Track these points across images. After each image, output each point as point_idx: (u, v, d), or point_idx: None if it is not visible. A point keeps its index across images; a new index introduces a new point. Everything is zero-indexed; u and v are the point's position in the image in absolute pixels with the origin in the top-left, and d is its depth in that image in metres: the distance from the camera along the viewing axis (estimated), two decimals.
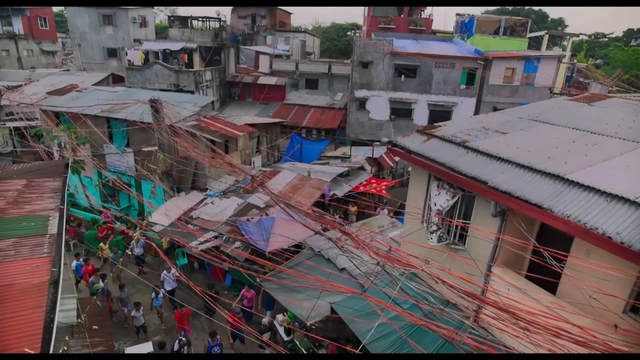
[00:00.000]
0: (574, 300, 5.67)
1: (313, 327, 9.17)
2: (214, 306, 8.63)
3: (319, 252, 11.14)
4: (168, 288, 12.57)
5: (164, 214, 13.66)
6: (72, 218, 17.67)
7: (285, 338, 10.62)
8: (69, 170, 9.47)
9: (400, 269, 6.02)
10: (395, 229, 12.23)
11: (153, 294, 11.77)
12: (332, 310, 8.89)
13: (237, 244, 12.40)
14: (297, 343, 10.35)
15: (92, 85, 21.88)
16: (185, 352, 9.87)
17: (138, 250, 14.55)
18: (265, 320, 9.34)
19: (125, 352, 10.24)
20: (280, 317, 11.02)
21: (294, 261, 11.12)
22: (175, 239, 11.42)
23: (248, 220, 13.23)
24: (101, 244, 14.78)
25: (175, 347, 9.80)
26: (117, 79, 26.89)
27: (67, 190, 9.33)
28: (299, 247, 12.40)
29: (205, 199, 15.59)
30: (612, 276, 5.20)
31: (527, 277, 6.80)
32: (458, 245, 7.90)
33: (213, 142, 14.96)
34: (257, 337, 8.82)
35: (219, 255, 11.12)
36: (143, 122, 15.12)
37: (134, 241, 14.13)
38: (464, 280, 5.50)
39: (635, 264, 5.13)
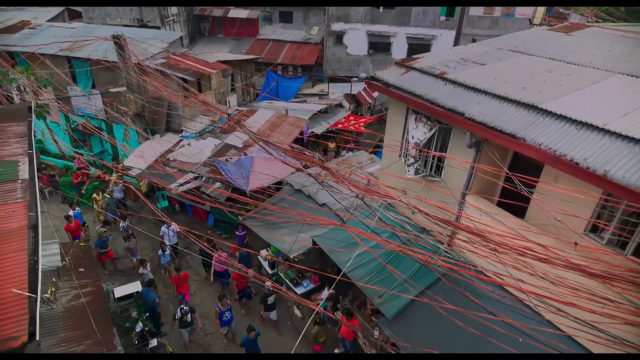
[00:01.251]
0: (540, 222, 6.05)
1: (296, 259, 9.56)
2: (211, 252, 8.90)
3: (300, 189, 11.30)
4: (167, 242, 12.09)
5: (139, 156, 13.35)
6: (43, 165, 17.12)
7: (270, 271, 11.09)
8: (33, 115, 8.99)
9: (379, 200, 6.20)
10: (374, 165, 12.43)
11: (160, 251, 11.46)
12: (314, 243, 9.23)
13: (218, 184, 12.41)
14: (282, 275, 10.85)
15: (46, 21, 20.09)
16: (189, 319, 9.30)
17: (118, 194, 14.41)
18: (269, 283, 9.10)
19: (114, 291, 10.50)
20: (264, 252, 11.40)
21: (276, 198, 11.29)
22: (154, 181, 11.29)
23: (227, 160, 13.13)
24: (94, 195, 14.27)
25: (178, 315, 9.21)
26: (73, 15, 24.73)
27: (34, 136, 8.91)
28: (279, 185, 12.53)
29: (181, 140, 15.26)
30: (576, 199, 5.53)
31: (498, 204, 7.16)
32: (434, 177, 8.14)
33: (185, 80, 14.31)
34: (259, 279, 8.85)
35: (200, 195, 11.14)
36: (107, 61, 14.21)
37: (111, 185, 13.94)
38: (439, 208, 5.75)
39: (598, 187, 5.44)
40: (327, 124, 16.63)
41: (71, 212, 12.78)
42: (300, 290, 10.39)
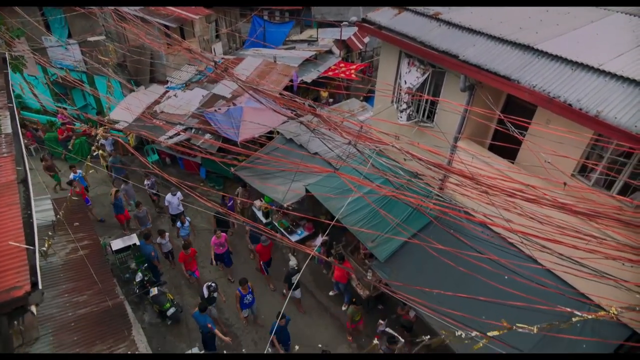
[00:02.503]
0: (530, 164, 6.14)
1: (290, 208, 9.70)
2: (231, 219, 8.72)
3: (291, 138, 11.21)
4: (172, 212, 11.55)
5: (125, 109, 12.99)
6: (26, 122, 16.61)
7: (264, 221, 11.27)
8: (9, 67, 8.57)
9: (371, 146, 6.19)
10: (366, 112, 12.28)
11: (178, 223, 10.76)
12: (307, 191, 9.32)
13: (208, 135, 12.23)
14: (276, 224, 11.05)
15: None
16: (215, 296, 8.98)
17: (108, 148, 14.17)
18: (294, 262, 8.82)
19: (112, 244, 10.64)
20: (257, 202, 11.51)
21: (268, 148, 11.21)
22: (143, 133, 11.07)
23: (216, 111, 12.85)
24: (101, 152, 13.67)
25: (205, 294, 8.77)
26: None
27: (12, 91, 8.53)
28: (270, 134, 12.40)
29: (167, 91, 14.80)
30: (567, 141, 5.57)
31: (490, 147, 7.21)
32: (427, 122, 8.09)
33: (167, 27, 13.60)
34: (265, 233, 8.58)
35: (190, 147, 11.01)
36: (82, 7, 13.35)
37: (99, 139, 13.66)
38: (431, 152, 5.77)
39: (590, 128, 5.47)
40: (317, 72, 16.17)
41: (72, 176, 12.23)
42: (294, 238, 10.65)
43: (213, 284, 8.78)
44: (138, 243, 10.47)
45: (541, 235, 4.89)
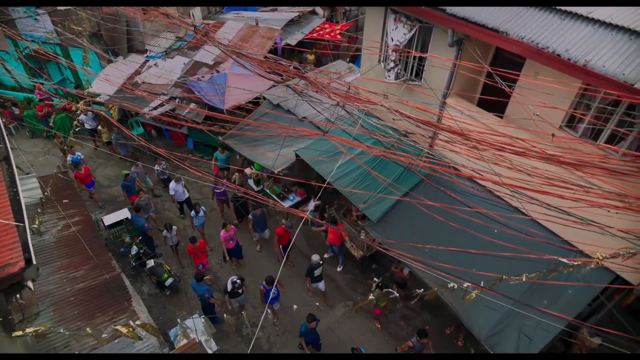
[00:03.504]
0: (519, 117, 6.15)
1: (280, 173, 9.67)
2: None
3: (279, 104, 11.01)
4: (179, 200, 11.11)
5: (105, 80, 12.53)
6: (1, 100, 15.98)
7: (256, 188, 11.26)
8: None
9: (360, 106, 6.11)
10: (353, 74, 12.06)
11: (192, 213, 10.17)
12: (297, 157, 9.28)
13: (193, 104, 11.96)
14: (267, 191, 11.05)
15: None
16: (242, 292, 8.69)
17: (90, 124, 13.79)
18: (317, 257, 8.41)
19: (104, 220, 10.59)
20: (248, 170, 11.45)
21: (255, 114, 11.03)
22: (125, 105, 10.76)
23: (199, 79, 12.50)
24: (99, 127, 13.39)
25: (229, 287, 8.37)
26: None
27: None
28: (257, 102, 12.17)
29: (147, 61, 14.28)
30: (554, 92, 5.55)
31: (479, 103, 7.17)
32: (415, 80, 7.98)
33: None
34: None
35: (176, 117, 10.77)
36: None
37: (80, 114, 13.26)
38: (420, 110, 5.72)
39: (578, 78, 5.45)
40: (301, 34, 15.67)
41: (70, 157, 11.76)
42: (287, 203, 10.70)
43: (238, 280, 8.29)
44: (130, 217, 10.44)
45: (529, 187, 4.97)
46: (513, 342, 6.31)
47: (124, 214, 10.71)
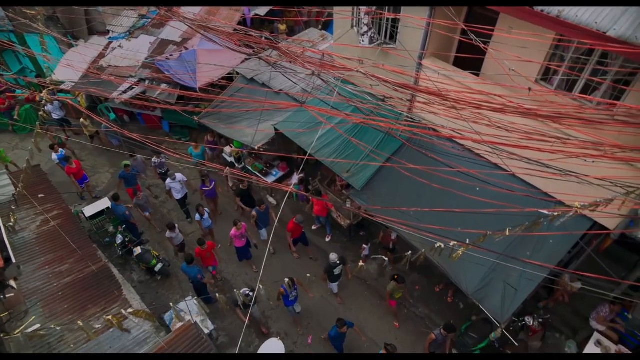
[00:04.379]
0: (495, 74, 6.13)
1: (261, 149, 9.53)
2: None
3: (253, 78, 10.72)
4: (177, 196, 10.47)
5: (67, 66, 11.92)
6: None
7: (237, 166, 11.11)
8: None
9: (336, 74, 5.98)
10: (326, 42, 11.77)
11: (197, 216, 9.47)
12: (277, 130, 9.13)
13: (164, 85, 11.53)
14: (250, 168, 10.92)
15: None
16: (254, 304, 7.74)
17: (58, 114, 13.20)
18: (334, 257, 7.91)
19: (84, 211, 10.33)
20: (227, 148, 11.25)
21: (230, 90, 10.73)
22: (93, 91, 10.29)
23: (167, 58, 12.01)
24: (82, 120, 12.44)
25: (239, 301, 7.25)
26: None
27: None
28: (230, 79, 11.81)
29: (110, 43, 13.60)
30: (529, 45, 5.53)
31: (455, 62, 7.11)
32: (390, 43, 7.82)
33: None
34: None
35: (148, 100, 10.39)
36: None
37: (46, 104, 12.65)
38: (397, 73, 5.63)
39: (551, 29, 5.42)
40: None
41: (54, 155, 11.10)
42: (270, 179, 10.62)
43: (250, 293, 7.40)
44: (110, 205, 10.22)
45: (509, 142, 5.01)
46: (499, 293, 6.56)
47: (105, 204, 10.47)
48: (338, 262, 7.94)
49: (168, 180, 10.13)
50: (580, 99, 6.14)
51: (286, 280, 7.26)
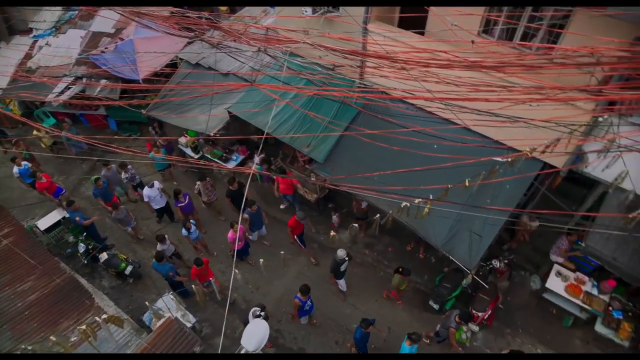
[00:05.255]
0: (439, 30, 6.21)
1: (217, 135, 9.28)
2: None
3: (198, 62, 10.30)
4: (157, 207, 9.70)
5: None
6: None
7: (195, 156, 10.80)
8: None
9: (283, 48, 5.85)
10: (269, 16, 11.43)
11: (183, 231, 8.71)
12: (230, 114, 8.90)
13: (104, 80, 10.87)
14: (208, 156, 10.65)
15: None
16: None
17: None
18: (342, 253, 7.53)
19: (38, 225, 9.75)
20: (182, 139, 10.87)
21: (175, 77, 10.28)
22: (24, 95, 9.53)
23: (102, 52, 11.27)
24: (35, 132, 11.06)
25: (250, 318, 6.87)
26: None
27: None
28: (175, 65, 11.27)
29: (35, 41, 12.56)
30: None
31: (400, 24, 7.13)
32: (333, 11, 7.71)
33: None
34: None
35: (88, 97, 9.78)
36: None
37: None
38: (344, 40, 5.59)
39: None
40: None
41: (16, 169, 10.11)
42: (231, 164, 10.42)
43: (262, 313, 6.91)
44: (67, 215, 9.71)
45: (458, 97, 5.15)
46: (466, 242, 6.89)
47: (60, 213, 9.93)
48: (346, 258, 7.64)
49: (146, 190, 9.29)
50: (520, 47, 6.36)
51: (301, 288, 6.97)
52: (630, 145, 5.44)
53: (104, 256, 9.05)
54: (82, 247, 9.34)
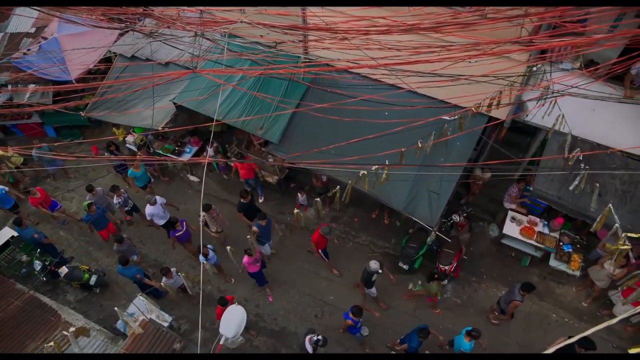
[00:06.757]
0: None
1: (166, 128, 8.93)
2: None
3: (134, 55, 9.77)
4: (162, 222, 8.91)
5: None
6: None
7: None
8: None
9: (220, 30, 5.67)
10: None
11: (201, 257, 7.64)
12: (176, 105, 8.59)
13: (32, 85, 10.08)
14: (161, 152, 10.28)
15: None
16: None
17: None
18: (376, 266, 7.25)
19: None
20: (129, 138, 10.40)
21: (112, 73, 9.71)
22: None
23: (25, 54, 10.41)
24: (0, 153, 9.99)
25: (309, 349, 6.67)
26: None
27: None
28: (109, 62, 10.61)
29: None
30: None
31: None
32: None
33: None
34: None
35: (17, 105, 9.07)
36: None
37: None
38: (283, 15, 5.50)
39: None
40: None
41: None
42: (186, 156, 10.13)
43: (320, 339, 6.54)
44: (15, 234, 9.12)
45: (401, 61, 5.24)
46: (426, 202, 7.17)
47: (7, 233, 9.30)
48: (380, 270, 7.33)
49: (148, 209, 8.54)
50: (454, 6, 6.50)
51: (354, 311, 6.74)
52: (562, 89, 5.82)
53: (64, 270, 8.63)
54: (38, 265, 8.84)
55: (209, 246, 8.09)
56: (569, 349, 6.17)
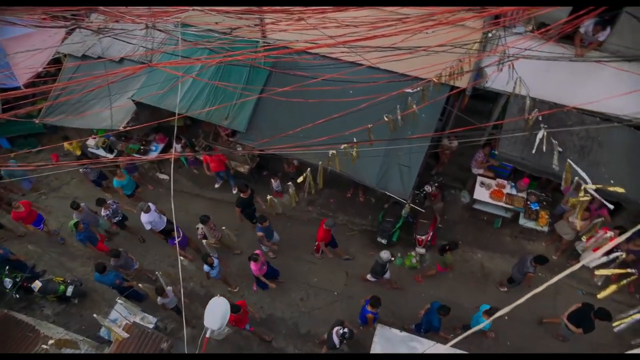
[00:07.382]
0: None
1: (128, 127, 8.62)
2: None
3: (85, 54, 9.32)
4: (160, 229, 8.47)
5: None
6: None
7: (111, 156, 10.04)
8: None
9: (172, 19, 5.50)
10: None
11: (205, 267, 7.68)
12: (135, 102, 8.31)
13: None
14: (126, 151, 9.97)
15: None
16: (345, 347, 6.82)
17: None
18: (387, 255, 7.14)
19: None
20: (91, 141, 10.01)
21: (63, 75, 9.26)
22: None
23: None
24: None
25: (337, 343, 6.58)
26: None
27: None
28: (58, 55, 10.02)
29: None
30: None
31: None
32: None
33: None
34: None
35: None
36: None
37: None
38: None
39: None
40: None
41: None
42: (153, 155, 9.86)
43: (346, 332, 6.46)
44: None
45: (360, 37, 5.23)
46: (397, 175, 7.29)
47: None
48: (391, 258, 7.39)
49: (144, 217, 8.09)
50: None
51: (372, 302, 6.59)
52: (517, 53, 5.97)
53: (37, 284, 8.33)
54: (8, 282, 8.48)
55: (214, 257, 7.87)
56: (585, 316, 6.43)
